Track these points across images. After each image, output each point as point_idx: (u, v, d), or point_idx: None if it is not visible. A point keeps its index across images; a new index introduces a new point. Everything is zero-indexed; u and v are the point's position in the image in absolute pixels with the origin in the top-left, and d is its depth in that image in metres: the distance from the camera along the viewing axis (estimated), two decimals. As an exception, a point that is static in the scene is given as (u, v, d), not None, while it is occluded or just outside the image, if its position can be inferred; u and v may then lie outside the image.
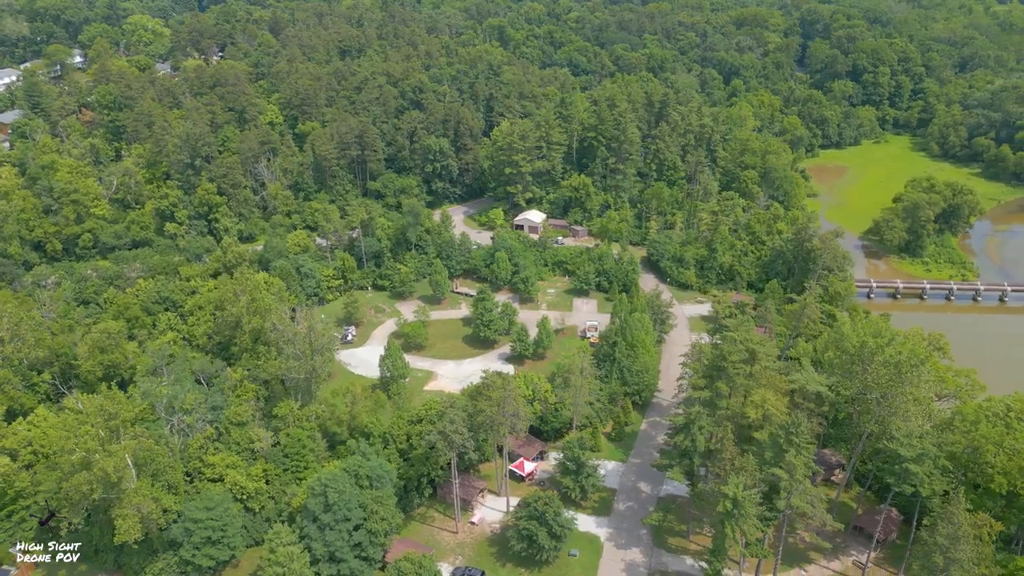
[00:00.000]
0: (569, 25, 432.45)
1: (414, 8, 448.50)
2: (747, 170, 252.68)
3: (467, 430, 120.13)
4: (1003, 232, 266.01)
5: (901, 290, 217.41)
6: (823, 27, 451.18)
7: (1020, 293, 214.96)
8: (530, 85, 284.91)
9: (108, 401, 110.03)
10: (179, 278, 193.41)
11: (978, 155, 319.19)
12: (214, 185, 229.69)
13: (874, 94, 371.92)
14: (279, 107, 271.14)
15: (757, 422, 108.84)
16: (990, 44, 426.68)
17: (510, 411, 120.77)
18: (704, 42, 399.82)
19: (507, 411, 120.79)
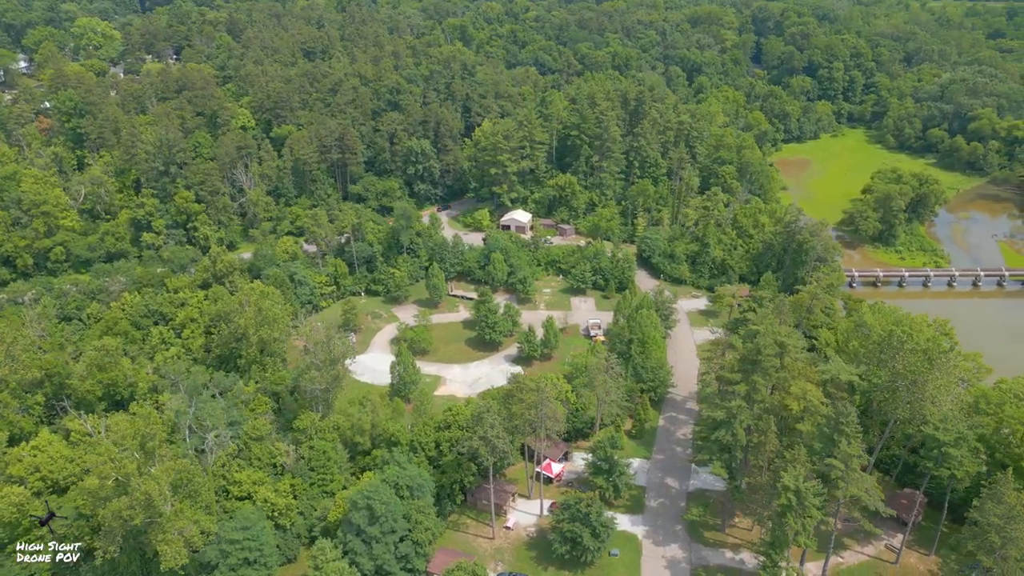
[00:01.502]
0: (528, 24, 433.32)
1: (371, 8, 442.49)
2: (724, 165, 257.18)
3: (507, 434, 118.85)
4: (965, 220, 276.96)
5: (881, 278, 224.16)
6: (774, 24, 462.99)
7: (992, 278, 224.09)
8: (505, 85, 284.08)
9: (142, 421, 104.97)
10: (166, 290, 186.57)
11: (932, 146, 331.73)
12: (192, 193, 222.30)
13: (829, 89, 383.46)
14: (250, 111, 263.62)
15: (798, 414, 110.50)
16: (932, 39, 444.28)
17: (549, 413, 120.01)
18: (664, 40, 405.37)
19: (545, 413, 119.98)
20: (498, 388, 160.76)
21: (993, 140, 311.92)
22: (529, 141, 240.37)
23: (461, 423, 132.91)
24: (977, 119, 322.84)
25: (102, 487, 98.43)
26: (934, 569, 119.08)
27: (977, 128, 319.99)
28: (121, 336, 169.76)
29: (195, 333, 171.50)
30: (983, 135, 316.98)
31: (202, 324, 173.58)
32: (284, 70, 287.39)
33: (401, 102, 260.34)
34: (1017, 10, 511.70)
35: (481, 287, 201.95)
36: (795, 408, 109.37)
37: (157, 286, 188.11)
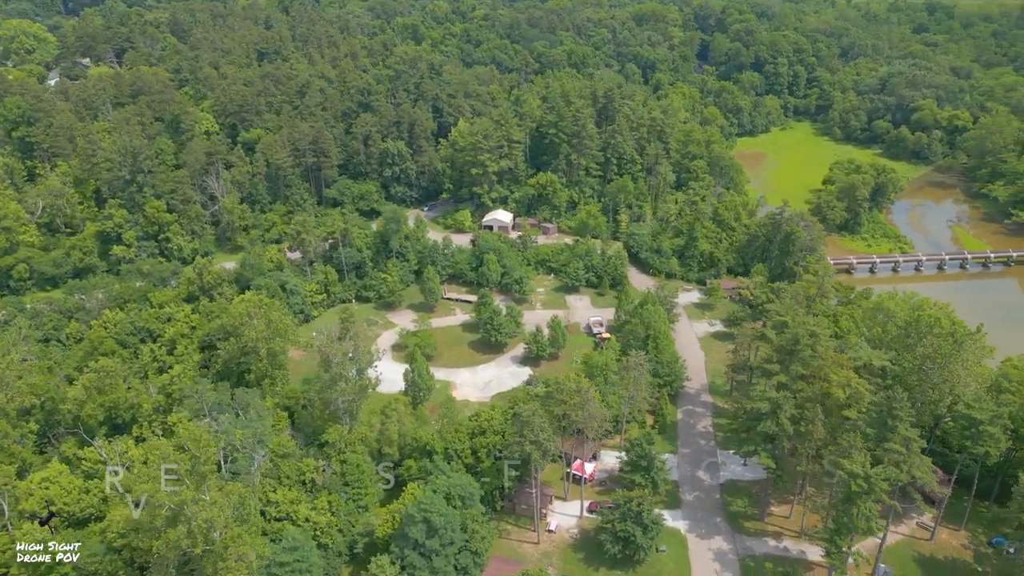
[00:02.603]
0: (478, 23, 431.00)
1: (316, 8, 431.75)
2: (695, 160, 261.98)
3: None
4: (919, 207, 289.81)
5: (855, 265, 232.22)
6: (715, 21, 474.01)
7: (956, 261, 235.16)
8: (473, 84, 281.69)
9: (193, 443, 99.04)
10: (150, 305, 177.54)
11: (878, 137, 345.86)
12: (162, 202, 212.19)
13: (776, 84, 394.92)
14: (213, 115, 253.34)
15: (845, 401, 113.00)
16: (864, 34, 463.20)
17: (595, 413, 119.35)
18: (615, 38, 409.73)
19: (591, 413, 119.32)
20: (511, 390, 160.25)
21: (936, 130, 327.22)
22: (507, 140, 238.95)
23: (496, 428, 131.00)
24: (919, 110, 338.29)
25: (154, 517, 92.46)
26: (965, 543, 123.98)
27: (920, 119, 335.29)
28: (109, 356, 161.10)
29: (189, 349, 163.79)
30: (925, 125, 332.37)
31: (195, 339, 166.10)
32: (241, 72, 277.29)
33: (372, 103, 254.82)
34: (936, 6, 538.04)
35: (478, 289, 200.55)
36: (841, 396, 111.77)
37: (140, 301, 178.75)
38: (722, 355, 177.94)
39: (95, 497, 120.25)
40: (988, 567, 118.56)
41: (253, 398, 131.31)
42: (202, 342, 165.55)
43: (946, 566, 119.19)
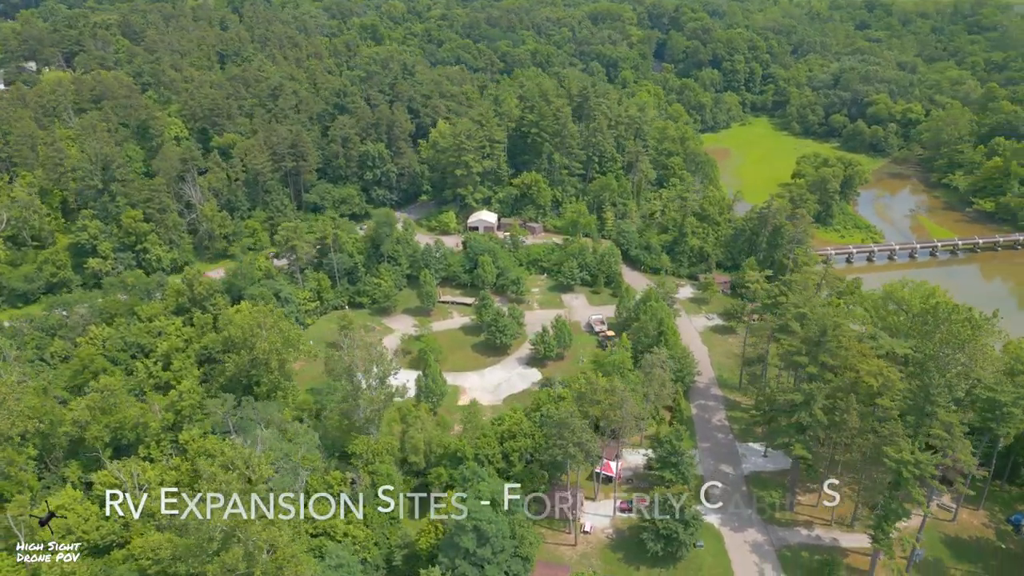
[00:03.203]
0: (436, 23, 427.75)
1: (268, 8, 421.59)
2: (672, 157, 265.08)
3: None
4: (882, 197, 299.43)
5: (833, 256, 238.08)
6: (669, 20, 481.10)
7: (926, 248, 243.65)
8: (447, 84, 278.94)
9: (240, 461, 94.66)
10: (138, 319, 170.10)
11: (836, 131, 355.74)
12: (139, 211, 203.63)
13: (733, 80, 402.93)
14: (181, 120, 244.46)
15: (877, 389, 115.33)
16: (811, 31, 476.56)
17: (633, 413, 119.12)
18: (575, 36, 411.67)
19: (628, 412, 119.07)
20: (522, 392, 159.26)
21: (891, 123, 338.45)
22: (488, 140, 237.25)
23: (526, 431, 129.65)
24: (874, 104, 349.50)
25: (207, 539, 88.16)
26: (986, 522, 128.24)
27: (875, 112, 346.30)
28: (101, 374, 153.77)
29: (187, 364, 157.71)
30: (881, 119, 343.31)
31: (191, 353, 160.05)
32: (205, 75, 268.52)
33: (348, 105, 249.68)
34: (875, 4, 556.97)
35: (472, 291, 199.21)
36: (874, 384, 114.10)
37: (126, 316, 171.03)
38: (724, 348, 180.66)
39: (116, 523, 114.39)
40: (1011, 543, 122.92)
41: (273, 412, 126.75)
42: (200, 355, 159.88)
43: (971, 545, 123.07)
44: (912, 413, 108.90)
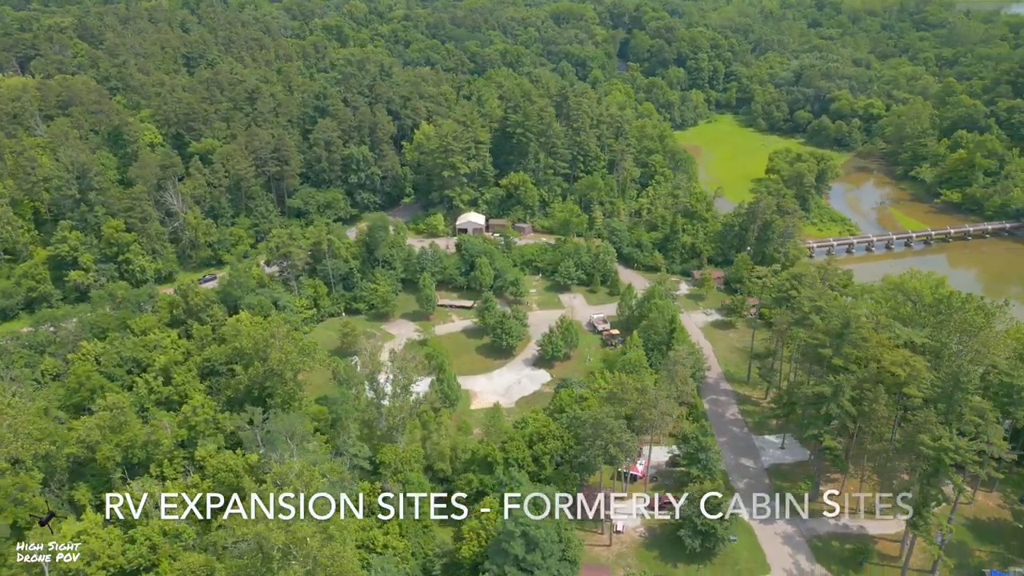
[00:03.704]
0: (400, 23, 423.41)
1: (225, 9, 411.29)
2: (652, 155, 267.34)
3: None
4: (852, 191, 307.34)
5: (815, 248, 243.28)
6: (630, 19, 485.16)
7: (901, 239, 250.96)
8: (425, 85, 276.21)
9: (296, 478, 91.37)
10: (132, 333, 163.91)
11: (801, 127, 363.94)
12: (120, 221, 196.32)
13: (698, 78, 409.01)
14: (155, 125, 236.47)
15: (904, 379, 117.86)
16: (768, 30, 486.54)
17: (668, 411, 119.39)
18: (542, 36, 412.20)
19: (663, 410, 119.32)
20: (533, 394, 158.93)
21: (853, 118, 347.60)
22: (474, 141, 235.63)
23: (555, 433, 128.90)
24: (836, 100, 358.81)
25: (267, 559, 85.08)
26: (1001, 503, 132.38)
27: (838, 108, 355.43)
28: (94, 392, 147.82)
29: (189, 377, 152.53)
30: (843, 114, 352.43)
31: (192, 366, 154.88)
32: (175, 78, 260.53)
33: (329, 108, 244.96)
34: (824, 2, 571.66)
35: (468, 294, 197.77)
36: (902, 374, 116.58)
37: (119, 330, 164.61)
38: (726, 343, 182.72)
39: (143, 546, 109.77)
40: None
41: (297, 424, 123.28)
42: (203, 368, 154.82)
43: (991, 526, 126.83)
44: (942, 400, 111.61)
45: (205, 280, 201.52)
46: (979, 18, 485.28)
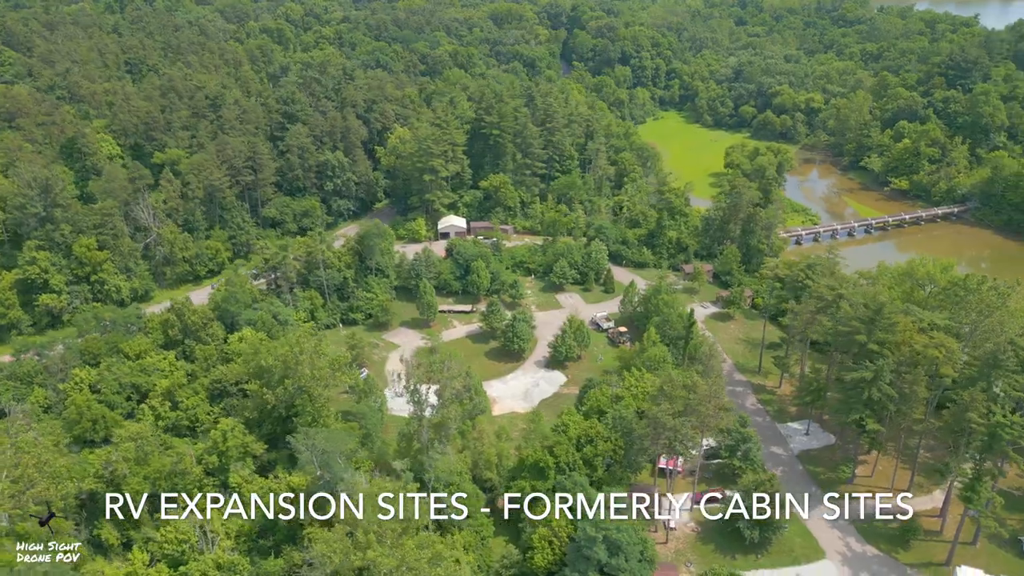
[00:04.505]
0: (338, 25, 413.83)
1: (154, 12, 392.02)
2: (621, 152, 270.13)
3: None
4: (805, 182, 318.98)
5: (785, 238, 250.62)
6: (567, 19, 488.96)
7: (863, 227, 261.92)
8: (391, 88, 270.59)
9: (393, 501, 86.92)
10: (125, 357, 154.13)
11: (746, 121, 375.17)
12: (92, 239, 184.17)
13: (642, 77, 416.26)
14: (112, 136, 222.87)
15: (942, 360, 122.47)
16: (701, 28, 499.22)
17: (727, 406, 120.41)
18: (487, 37, 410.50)
19: (719, 406, 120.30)
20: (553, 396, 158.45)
21: (796, 112, 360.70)
22: (451, 144, 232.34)
23: (604, 435, 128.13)
24: (779, 95, 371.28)
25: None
26: (1020, 472, 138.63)
27: (780, 103, 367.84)
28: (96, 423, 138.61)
29: (200, 400, 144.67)
30: (786, 108, 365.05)
31: (199, 389, 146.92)
32: (126, 86, 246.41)
33: (298, 113, 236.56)
34: (747, 1, 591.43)
35: (471, 298, 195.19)
36: (939, 355, 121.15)
37: (111, 354, 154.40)
38: (728, 335, 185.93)
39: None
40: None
41: (346, 442, 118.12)
42: (213, 390, 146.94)
43: (1019, 497, 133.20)
44: (981, 379, 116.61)
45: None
46: (894, 14, 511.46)
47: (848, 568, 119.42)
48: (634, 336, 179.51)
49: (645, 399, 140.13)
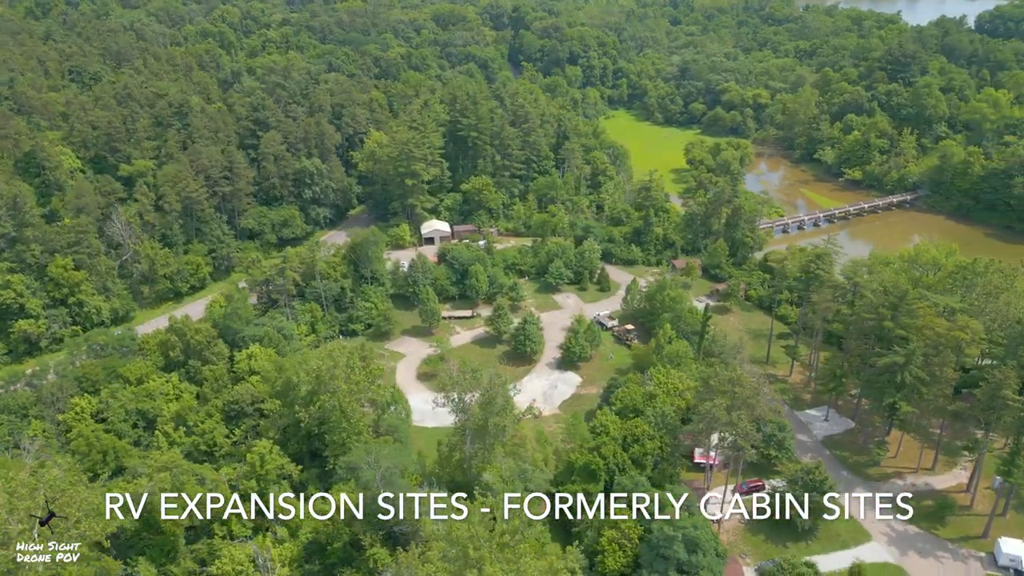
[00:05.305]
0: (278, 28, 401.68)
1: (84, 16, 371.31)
2: (592, 151, 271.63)
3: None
4: (761, 176, 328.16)
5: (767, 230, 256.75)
6: (509, 19, 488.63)
7: (827, 217, 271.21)
8: (356, 92, 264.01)
9: (487, 517, 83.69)
10: (123, 382, 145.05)
11: (696, 118, 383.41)
12: (69, 259, 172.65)
13: (591, 76, 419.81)
14: (71, 148, 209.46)
15: (968, 342, 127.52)
16: (640, 28, 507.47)
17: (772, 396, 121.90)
18: (437, 39, 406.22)
19: (768, 400, 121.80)
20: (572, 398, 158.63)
21: (745, 108, 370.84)
22: (430, 147, 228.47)
23: (650, 433, 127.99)
24: (727, 92, 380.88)
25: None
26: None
27: (729, 99, 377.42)
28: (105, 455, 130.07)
29: (216, 423, 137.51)
30: (735, 104, 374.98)
31: (213, 411, 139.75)
32: (79, 95, 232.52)
33: (268, 120, 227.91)
34: (678, 1, 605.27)
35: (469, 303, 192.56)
36: (965, 337, 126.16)
37: (111, 380, 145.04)
38: (728, 327, 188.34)
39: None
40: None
41: (403, 457, 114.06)
42: (230, 411, 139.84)
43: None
44: (1011, 357, 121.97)
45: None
46: (820, 12, 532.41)
47: (895, 548, 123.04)
48: (640, 333, 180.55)
49: (675, 395, 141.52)
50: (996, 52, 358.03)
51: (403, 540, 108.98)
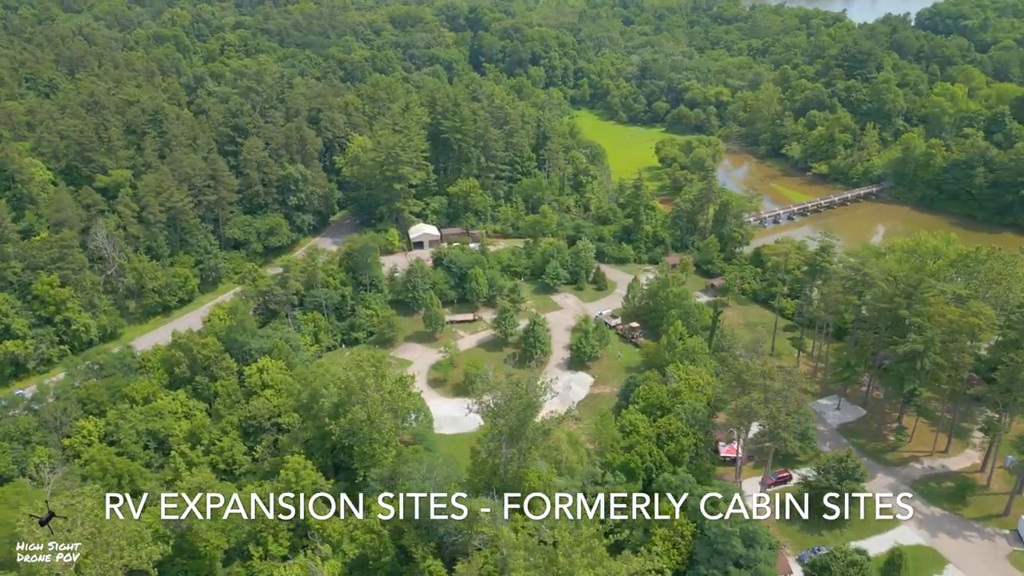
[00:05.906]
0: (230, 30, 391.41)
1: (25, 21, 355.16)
2: (571, 151, 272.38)
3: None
4: (731, 172, 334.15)
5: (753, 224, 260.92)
6: (465, 20, 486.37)
7: (801, 210, 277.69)
8: (331, 96, 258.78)
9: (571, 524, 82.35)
10: (129, 401, 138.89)
11: (660, 117, 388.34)
12: (55, 276, 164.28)
13: (553, 76, 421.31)
14: (41, 160, 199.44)
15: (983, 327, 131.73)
16: (595, 28, 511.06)
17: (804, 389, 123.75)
18: (399, 41, 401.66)
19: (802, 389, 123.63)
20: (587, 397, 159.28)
21: (709, 106, 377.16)
22: (415, 151, 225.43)
23: (684, 429, 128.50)
24: (689, 90, 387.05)
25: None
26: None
27: (691, 97, 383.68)
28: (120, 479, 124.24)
29: (234, 440, 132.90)
30: (697, 102, 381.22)
31: (229, 428, 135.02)
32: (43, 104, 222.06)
33: (247, 126, 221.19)
34: (628, 1, 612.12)
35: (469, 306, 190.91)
36: (979, 323, 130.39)
37: (118, 400, 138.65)
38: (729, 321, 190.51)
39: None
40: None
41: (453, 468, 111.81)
42: (247, 427, 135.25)
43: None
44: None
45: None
46: (767, 11, 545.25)
47: (925, 530, 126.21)
48: (645, 331, 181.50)
49: (698, 391, 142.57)
50: (942, 48, 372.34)
51: (453, 551, 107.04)
